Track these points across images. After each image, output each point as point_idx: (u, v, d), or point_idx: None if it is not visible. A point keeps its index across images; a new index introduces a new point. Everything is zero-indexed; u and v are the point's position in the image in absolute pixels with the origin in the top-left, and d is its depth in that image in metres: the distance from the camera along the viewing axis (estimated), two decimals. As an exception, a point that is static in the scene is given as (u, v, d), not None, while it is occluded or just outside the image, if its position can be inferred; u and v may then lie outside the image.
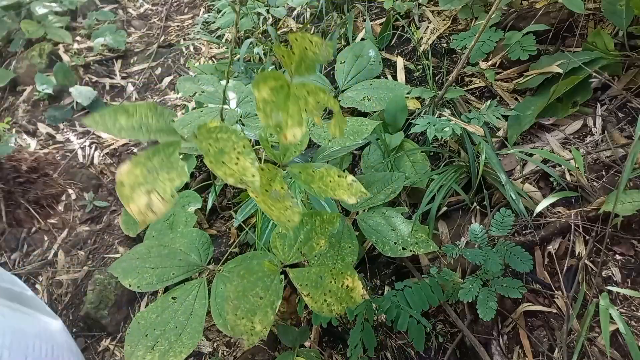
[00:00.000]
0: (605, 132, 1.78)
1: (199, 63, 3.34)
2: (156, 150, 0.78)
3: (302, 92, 0.80)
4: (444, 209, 1.83)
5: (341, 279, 1.24)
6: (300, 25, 2.95)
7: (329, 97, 0.81)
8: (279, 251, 1.29)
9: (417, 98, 2.11)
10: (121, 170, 0.75)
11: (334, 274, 1.24)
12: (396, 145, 1.88)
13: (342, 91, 2.09)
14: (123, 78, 3.51)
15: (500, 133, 1.94)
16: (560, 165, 1.73)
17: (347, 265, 1.31)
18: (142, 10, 4.19)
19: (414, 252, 1.46)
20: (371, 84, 2.06)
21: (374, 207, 1.60)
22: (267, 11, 2.91)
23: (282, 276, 1.23)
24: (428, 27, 2.46)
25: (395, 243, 1.47)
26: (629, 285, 1.46)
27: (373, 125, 1.51)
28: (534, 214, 1.60)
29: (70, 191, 2.68)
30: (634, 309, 1.41)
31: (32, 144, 3.03)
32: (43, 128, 3.15)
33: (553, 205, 1.64)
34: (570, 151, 1.72)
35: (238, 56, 2.65)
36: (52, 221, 2.53)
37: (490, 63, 2.18)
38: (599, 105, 1.86)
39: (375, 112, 2.10)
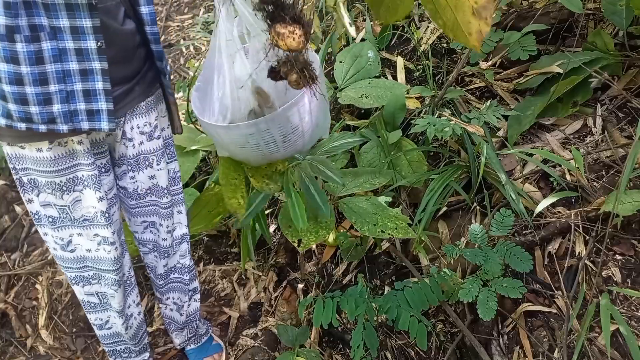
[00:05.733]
0: (605, 132, 1.78)
1: (199, 63, 3.34)
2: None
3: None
4: (444, 209, 1.83)
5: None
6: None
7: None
8: None
9: (418, 98, 2.11)
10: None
11: None
12: (393, 142, 1.88)
13: (341, 89, 2.10)
14: (123, 78, 3.50)
15: (500, 133, 1.94)
16: (560, 165, 1.72)
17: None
18: (142, 10, 4.19)
19: (392, 236, 1.50)
20: (369, 83, 2.07)
21: (359, 194, 1.68)
22: (267, 11, 2.91)
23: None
24: (428, 27, 2.46)
25: (374, 225, 1.52)
26: (629, 285, 1.46)
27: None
28: (534, 214, 1.60)
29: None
30: (634, 309, 1.41)
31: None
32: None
33: (553, 205, 1.64)
34: (570, 151, 1.72)
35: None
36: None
37: (490, 63, 2.18)
38: (599, 105, 1.86)
39: (374, 109, 2.11)
